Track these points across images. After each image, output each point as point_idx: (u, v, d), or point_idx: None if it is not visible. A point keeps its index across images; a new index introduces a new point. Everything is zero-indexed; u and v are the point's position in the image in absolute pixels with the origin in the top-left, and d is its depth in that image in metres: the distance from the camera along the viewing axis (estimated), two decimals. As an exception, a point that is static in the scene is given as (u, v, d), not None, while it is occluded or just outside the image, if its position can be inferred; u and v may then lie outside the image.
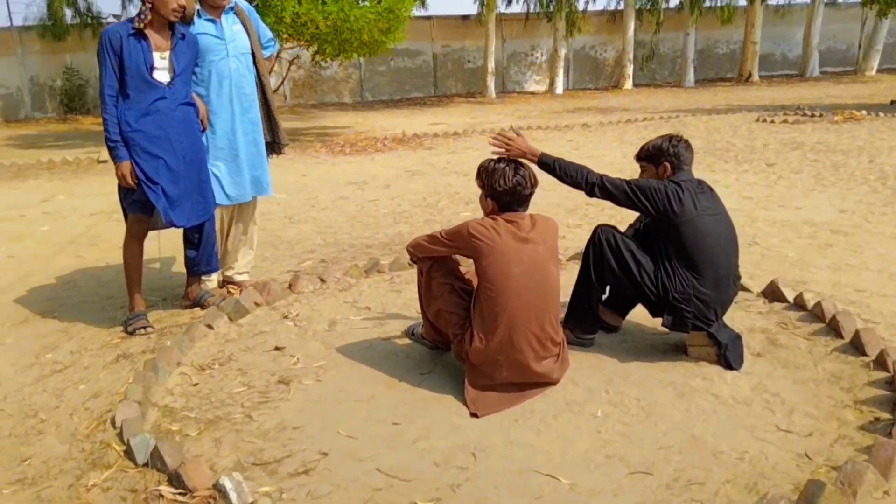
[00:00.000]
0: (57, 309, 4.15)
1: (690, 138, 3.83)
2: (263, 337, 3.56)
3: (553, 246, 2.94)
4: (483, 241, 2.82)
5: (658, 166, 3.23)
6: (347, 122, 15.42)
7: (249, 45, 3.91)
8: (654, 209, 3.09)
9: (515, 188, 2.88)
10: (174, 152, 3.54)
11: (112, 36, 3.40)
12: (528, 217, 2.93)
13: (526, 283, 2.80)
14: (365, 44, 11.06)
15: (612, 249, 3.20)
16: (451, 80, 22.04)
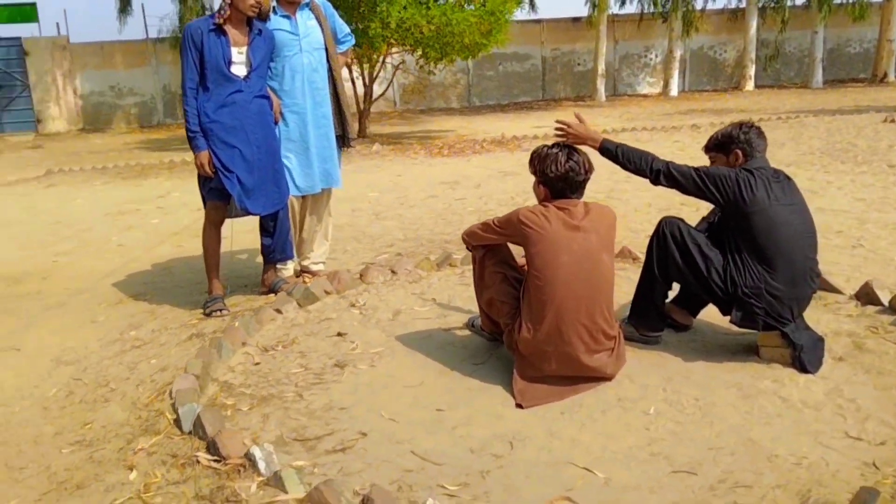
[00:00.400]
0: (149, 292, 4.42)
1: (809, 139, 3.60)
2: (328, 323, 3.64)
3: (607, 235, 2.83)
4: (532, 228, 2.76)
5: (729, 155, 3.04)
6: (452, 125, 15.57)
7: (323, 40, 4.02)
8: (724, 198, 2.91)
9: (568, 174, 2.80)
10: (249, 142, 3.70)
11: (194, 31, 3.60)
12: (581, 205, 2.84)
13: (575, 273, 2.71)
14: (466, 46, 11.13)
15: (677, 243, 3.04)
16: (559, 84, 21.79)
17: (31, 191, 9.18)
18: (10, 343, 3.68)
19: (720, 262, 2.96)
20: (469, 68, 20.77)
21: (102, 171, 10.56)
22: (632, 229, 5.44)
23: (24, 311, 4.22)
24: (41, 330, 3.86)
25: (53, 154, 14.06)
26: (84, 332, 3.77)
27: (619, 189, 6.99)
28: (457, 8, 11.17)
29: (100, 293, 4.47)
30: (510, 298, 2.93)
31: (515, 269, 3.01)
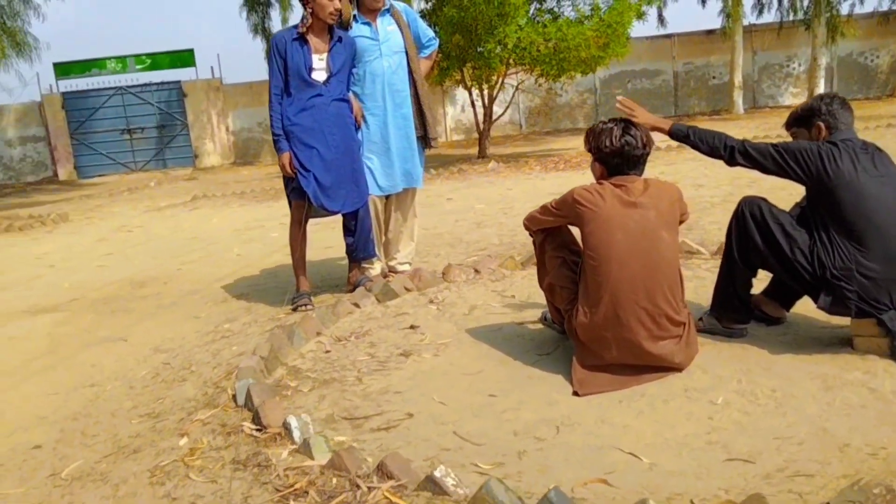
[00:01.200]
0: (252, 292, 4.67)
1: None
2: (404, 317, 3.67)
3: (668, 211, 2.66)
4: (586, 206, 2.66)
5: (811, 129, 2.80)
6: (575, 143, 15.34)
7: (403, 43, 4.11)
8: (806, 173, 2.68)
9: (623, 148, 2.68)
10: (327, 143, 3.84)
11: (279, 41, 3.81)
12: (640, 181, 2.70)
13: (630, 251, 2.57)
14: (583, 61, 11.00)
15: (758, 223, 2.81)
16: (693, 99, 20.97)
17: (178, 213, 10.01)
18: (120, 334, 4.00)
19: (806, 243, 2.71)
20: (596, 87, 20.49)
21: (241, 195, 11.33)
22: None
23: (141, 309, 4.58)
24: (150, 324, 4.17)
25: (204, 184, 15.28)
26: (186, 325, 4.03)
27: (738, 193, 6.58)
28: (573, 23, 11.09)
29: (209, 294, 4.77)
30: (569, 283, 2.82)
31: (576, 252, 2.90)
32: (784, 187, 4.54)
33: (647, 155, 2.74)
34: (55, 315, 4.65)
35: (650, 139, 2.75)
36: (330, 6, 3.78)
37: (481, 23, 10.76)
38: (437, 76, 12.93)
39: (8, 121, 20.86)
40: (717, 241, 4.71)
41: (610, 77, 20.30)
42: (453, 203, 7.97)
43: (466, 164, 12.53)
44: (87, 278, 5.77)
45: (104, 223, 9.66)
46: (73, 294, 5.22)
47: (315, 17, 3.81)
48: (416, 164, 4.25)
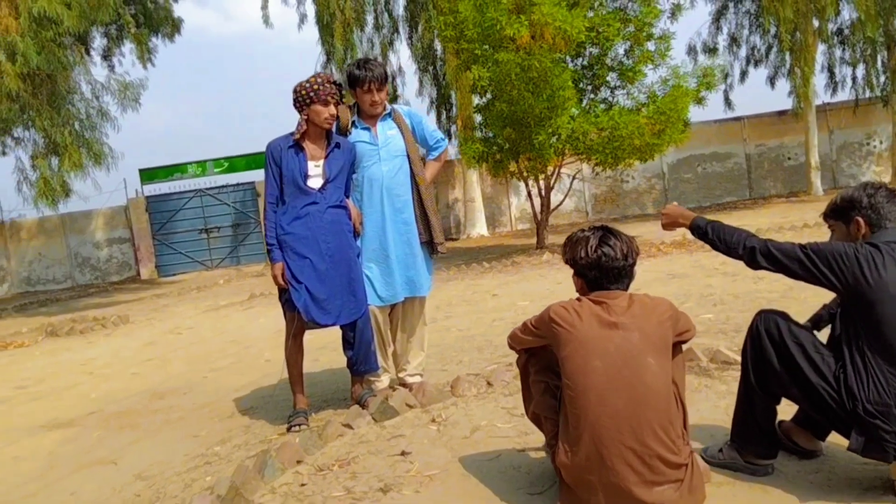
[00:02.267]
0: (261, 406, 4.45)
1: None
2: (398, 441, 3.35)
3: (656, 333, 2.30)
4: (562, 326, 2.34)
5: (849, 224, 2.42)
6: (640, 231, 14.86)
7: (404, 147, 3.96)
8: (840, 281, 2.28)
9: (600, 260, 2.36)
10: (321, 252, 3.67)
11: (273, 149, 3.73)
12: (624, 297, 2.36)
13: (611, 381, 2.21)
14: (637, 149, 10.72)
15: (775, 342, 2.41)
16: (768, 181, 20.20)
17: (231, 313, 10.09)
18: (114, 456, 3.83)
19: (832, 368, 2.28)
20: (664, 172, 20.07)
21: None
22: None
23: (147, 425, 4.43)
24: (147, 444, 3.99)
25: (269, 281, 15.53)
26: (179, 446, 3.83)
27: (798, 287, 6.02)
28: (624, 111, 10.91)
29: (219, 407, 4.59)
30: (553, 413, 2.47)
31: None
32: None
33: (630, 267, 2.42)
34: (66, 431, 4.55)
35: (632, 249, 2.42)
36: (325, 112, 3.69)
37: (532, 116, 10.71)
38: (491, 169, 12.92)
39: (97, 224, 22.11)
40: (764, 347, 4.23)
41: (678, 161, 19.88)
42: (497, 300, 7.67)
43: (523, 255, 12.26)
44: (115, 388, 5.72)
45: (161, 324, 9.81)
46: (95, 406, 5.14)
47: (311, 123, 3.73)
48: (419, 272, 4.01)
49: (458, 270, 10.91)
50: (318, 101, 3.66)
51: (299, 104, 3.70)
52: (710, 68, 12.07)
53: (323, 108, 3.69)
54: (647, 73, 12.17)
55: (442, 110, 20.66)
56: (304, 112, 3.71)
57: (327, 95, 3.67)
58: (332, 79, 3.72)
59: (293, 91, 3.70)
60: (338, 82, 3.74)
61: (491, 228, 20.00)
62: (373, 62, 3.90)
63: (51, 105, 12.48)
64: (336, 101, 3.71)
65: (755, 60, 19.79)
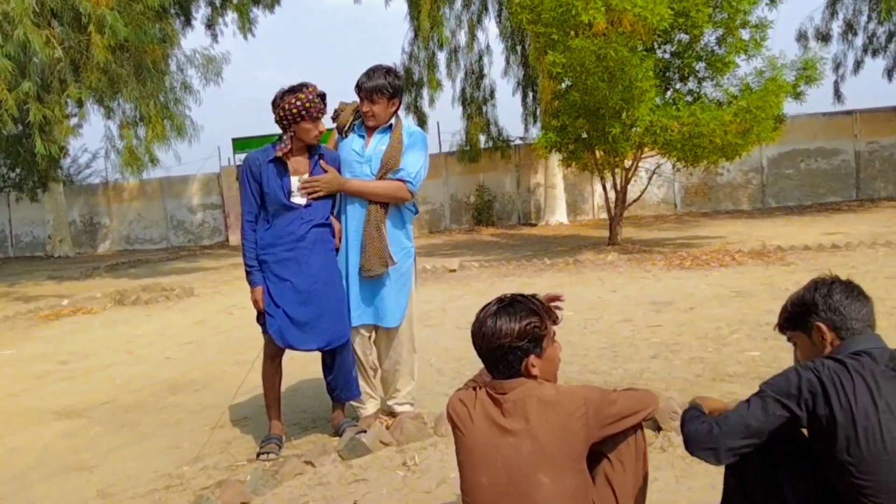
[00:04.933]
0: (256, 416, 4.33)
1: None
2: (357, 486, 3.12)
3: (556, 441, 1.85)
4: (456, 425, 2.00)
5: (810, 333, 1.96)
6: (727, 230, 13.98)
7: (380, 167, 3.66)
8: (804, 418, 1.81)
9: (472, 340, 2.00)
10: (302, 273, 3.46)
11: (252, 163, 3.51)
12: (521, 389, 1.92)
13: (497, 503, 1.85)
14: (719, 147, 9.94)
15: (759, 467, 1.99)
16: (879, 182, 18.54)
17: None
18: (94, 462, 3.80)
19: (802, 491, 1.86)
20: (763, 166, 18.79)
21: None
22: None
23: (145, 424, 4.40)
24: (132, 450, 3.94)
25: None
26: (157, 459, 3.75)
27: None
28: (708, 107, 10.13)
29: (217, 412, 4.50)
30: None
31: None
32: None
33: (498, 350, 1.93)
34: (71, 423, 4.59)
35: (495, 331, 1.92)
36: (314, 130, 3.45)
37: (606, 107, 10.11)
38: (565, 159, 12.39)
39: (192, 190, 22.98)
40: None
41: (780, 156, 18.56)
42: (542, 307, 7.27)
43: (592, 251, 11.72)
44: (142, 374, 5.78)
45: (220, 300, 9.97)
46: (113, 395, 5.18)
47: (297, 138, 3.49)
48: (384, 300, 3.68)
49: (516, 266, 10.54)
50: (308, 119, 3.41)
51: (286, 121, 3.45)
52: (812, 60, 11.00)
53: (311, 126, 3.44)
54: (740, 63, 11.25)
55: (528, 92, 20.08)
56: (290, 129, 3.47)
57: (317, 113, 3.42)
58: (319, 90, 3.46)
59: (276, 106, 3.45)
60: (322, 94, 3.47)
61: (572, 216, 19.38)
62: (379, 72, 3.62)
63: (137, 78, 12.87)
64: (322, 116, 3.46)
65: (873, 50, 18.07)
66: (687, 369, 4.64)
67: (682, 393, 4.03)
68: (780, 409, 1.80)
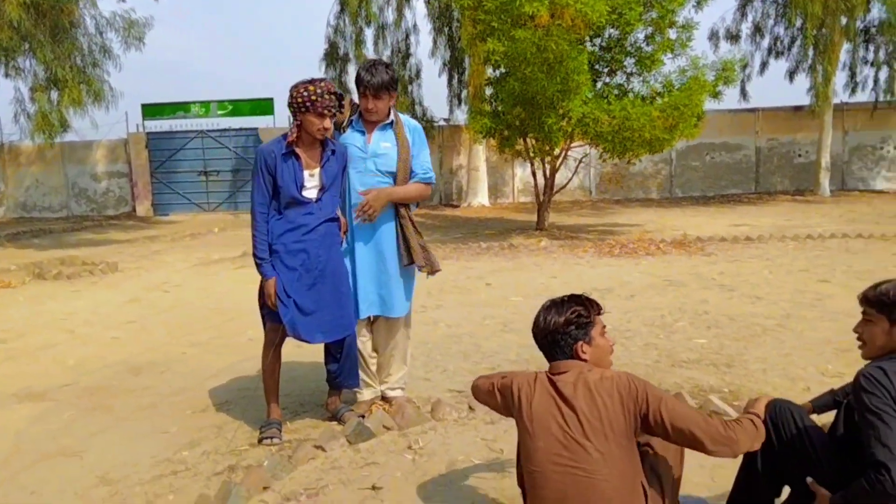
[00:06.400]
0: (236, 400, 4.35)
1: None
2: (370, 469, 3.25)
3: (601, 417, 2.14)
4: (520, 399, 2.30)
5: (894, 324, 2.20)
6: (642, 219, 14.73)
7: (395, 168, 3.74)
8: None
9: (533, 330, 2.39)
10: (311, 265, 3.52)
11: (267, 156, 3.52)
12: (574, 372, 2.24)
13: (553, 463, 2.14)
14: (647, 141, 10.48)
15: (790, 443, 2.27)
16: (776, 177, 19.96)
17: (220, 271, 9.94)
18: (80, 446, 3.73)
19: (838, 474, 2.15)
20: (672, 158, 19.80)
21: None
22: (790, 376, 4.45)
23: (120, 408, 4.33)
24: (116, 435, 3.89)
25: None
26: (147, 443, 3.73)
27: (796, 315, 5.90)
28: (638, 102, 10.64)
29: (194, 395, 4.49)
30: (524, 486, 2.36)
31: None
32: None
33: (550, 336, 2.32)
34: (37, 406, 4.44)
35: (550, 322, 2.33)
36: (318, 124, 3.47)
37: (543, 97, 10.43)
38: (498, 145, 12.67)
39: (96, 156, 21.82)
40: (757, 393, 4.11)
41: (688, 149, 19.59)
42: (489, 292, 7.54)
43: (522, 236, 12.11)
44: (93, 354, 5.61)
45: (149, 276, 9.68)
46: (71, 376, 5.03)
47: (303, 129, 3.53)
48: (391, 292, 3.80)
49: (454, 248, 10.77)
50: (314, 111, 3.44)
51: (293, 108, 3.48)
52: (730, 61, 11.72)
53: (316, 120, 3.46)
54: (665, 61, 11.84)
55: (454, 73, 20.24)
56: (297, 117, 3.50)
57: (324, 108, 3.43)
58: (333, 88, 3.48)
59: (290, 91, 3.48)
60: (338, 93, 3.51)
61: (493, 198, 19.79)
62: (381, 67, 3.68)
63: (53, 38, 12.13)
64: (332, 114, 3.49)
65: (777, 52, 19.33)
66: (644, 355, 5.00)
67: (646, 377, 4.36)
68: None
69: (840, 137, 19.37)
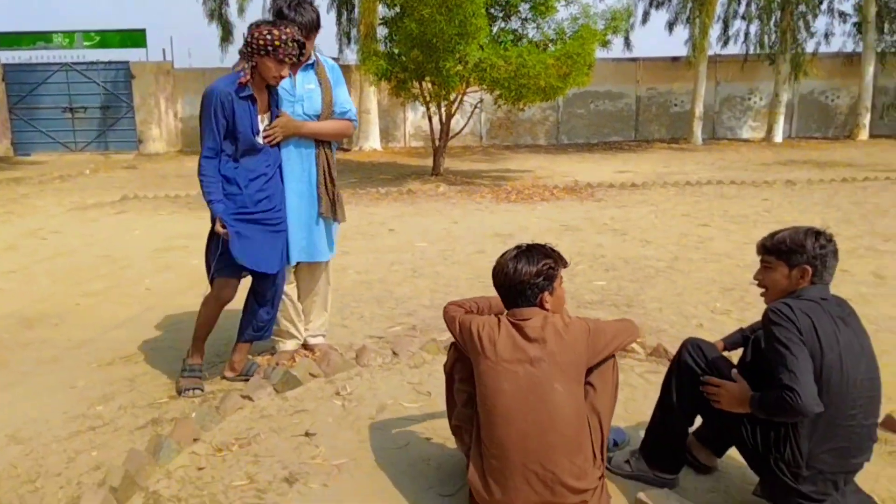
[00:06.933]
0: (145, 352, 4.19)
1: None
2: (301, 417, 3.25)
3: (568, 360, 2.30)
4: (481, 342, 2.34)
5: (793, 268, 2.38)
6: (532, 165, 15.10)
7: (321, 108, 3.66)
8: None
9: (493, 278, 2.42)
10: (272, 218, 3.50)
11: (224, 98, 3.30)
12: (539, 318, 2.34)
13: (518, 404, 2.25)
14: (542, 89, 10.68)
15: (699, 372, 2.48)
16: (654, 125, 20.93)
17: (100, 217, 9.37)
18: (-21, 406, 3.49)
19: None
20: (559, 105, 20.28)
21: (174, 199, 10.70)
22: (684, 314, 4.80)
23: (18, 362, 4.07)
24: (20, 391, 3.66)
25: (143, 176, 14.55)
26: (57, 399, 3.54)
27: (683, 257, 6.32)
28: (534, 50, 10.78)
29: (99, 347, 4.28)
30: (471, 425, 2.45)
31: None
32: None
33: (518, 286, 2.36)
34: (-83, 364, 4.09)
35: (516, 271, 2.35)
36: (276, 71, 3.30)
37: (441, 40, 10.35)
38: (393, 88, 12.51)
39: (-57, 88, 19.68)
40: (656, 330, 4.41)
41: (573, 96, 20.09)
42: (394, 237, 7.56)
43: (418, 181, 12.14)
44: (-28, 307, 5.20)
45: (21, 222, 8.99)
46: (-50, 331, 4.65)
47: (257, 74, 3.35)
48: (313, 239, 3.75)
49: (353, 193, 10.65)
50: (274, 57, 3.26)
51: (251, 49, 3.27)
52: (619, 12, 12.07)
53: (274, 66, 3.29)
54: (558, 8, 12.01)
55: (343, 10, 19.62)
56: (252, 59, 3.31)
57: (286, 56, 3.27)
58: (297, 36, 3.30)
59: (250, 31, 3.26)
60: (301, 41, 3.33)
61: (384, 142, 19.59)
62: (306, 5, 3.53)
63: None
64: (292, 62, 3.34)
65: (657, 3, 20.03)
66: (552, 298, 5.21)
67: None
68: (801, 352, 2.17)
69: (712, 88, 20.50)
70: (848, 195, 9.75)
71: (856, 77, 19.84)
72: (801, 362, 2.16)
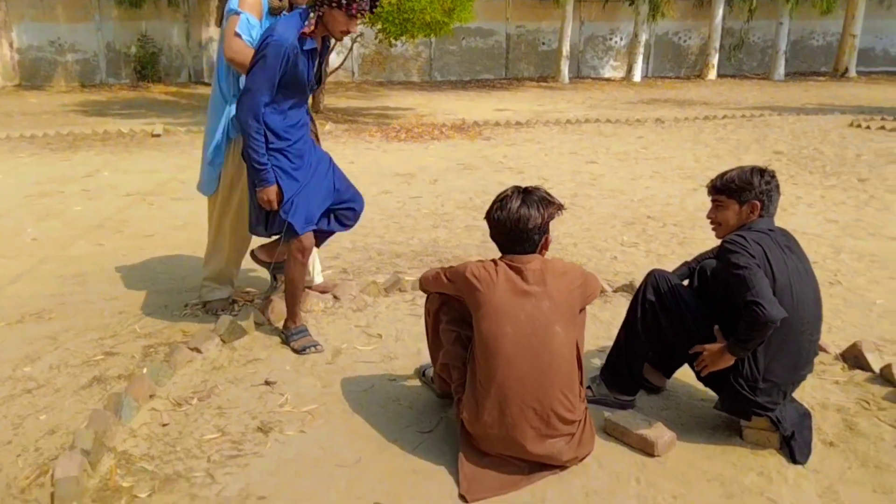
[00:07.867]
0: (55, 308, 3.89)
1: (774, 141, 3.22)
2: (255, 366, 3.18)
3: (565, 302, 2.40)
4: (479, 287, 2.38)
5: (743, 204, 2.58)
6: (411, 103, 14.99)
7: None
8: None
9: (497, 225, 2.43)
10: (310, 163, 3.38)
11: (290, 49, 3.04)
12: (537, 262, 2.42)
13: (520, 347, 2.32)
14: (427, 24, 10.56)
15: (666, 305, 2.66)
16: (523, 63, 21.29)
17: (-51, 160, 8.38)
18: None
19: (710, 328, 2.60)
20: (431, 42, 20.07)
21: (31, 140, 9.72)
22: (597, 248, 5.08)
23: None
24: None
25: None
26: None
27: (582, 194, 6.62)
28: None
29: (1, 305, 3.92)
30: (462, 363, 2.52)
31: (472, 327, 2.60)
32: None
33: (533, 232, 2.40)
34: None
35: (524, 216, 2.37)
36: (345, 26, 3.07)
37: (323, -29, 9.90)
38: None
39: None
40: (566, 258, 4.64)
41: (445, 32, 19.96)
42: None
43: (298, 119, 11.72)
44: None
45: None
46: None
47: (322, 25, 3.09)
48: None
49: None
50: (346, 10, 3.01)
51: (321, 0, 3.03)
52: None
53: (345, 20, 3.05)
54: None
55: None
56: (320, 9, 3.04)
57: (358, 10, 3.03)
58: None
59: None
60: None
61: (250, 77, 18.61)
62: None
63: None
64: (362, 17, 3.11)
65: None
66: (470, 237, 5.32)
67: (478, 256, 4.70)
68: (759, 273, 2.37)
69: (578, 28, 21.06)
70: (711, 132, 10.49)
71: (706, 19, 21.08)
72: (759, 279, 2.38)
